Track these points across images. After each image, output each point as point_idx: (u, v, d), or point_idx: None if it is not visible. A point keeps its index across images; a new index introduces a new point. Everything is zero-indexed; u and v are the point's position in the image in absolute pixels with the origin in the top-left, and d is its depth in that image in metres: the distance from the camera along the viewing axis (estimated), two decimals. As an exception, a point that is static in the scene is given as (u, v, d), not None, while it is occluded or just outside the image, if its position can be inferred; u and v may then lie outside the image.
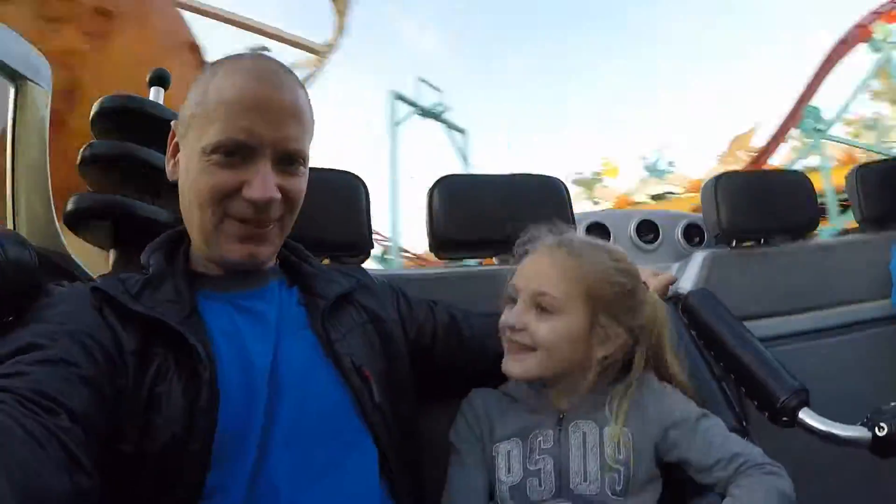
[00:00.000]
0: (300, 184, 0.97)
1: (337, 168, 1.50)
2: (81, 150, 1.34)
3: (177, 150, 0.97)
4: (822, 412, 1.24)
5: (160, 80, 1.55)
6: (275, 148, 0.90)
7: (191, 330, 0.86)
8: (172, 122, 0.99)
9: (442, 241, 1.57)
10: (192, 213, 0.93)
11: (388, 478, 0.95)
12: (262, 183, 0.89)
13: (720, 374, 1.39)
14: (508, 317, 1.07)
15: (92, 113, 1.38)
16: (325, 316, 0.99)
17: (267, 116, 0.89)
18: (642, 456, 1.03)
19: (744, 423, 1.24)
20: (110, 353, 0.80)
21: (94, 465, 0.68)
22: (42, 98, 1.25)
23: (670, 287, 1.52)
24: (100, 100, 1.39)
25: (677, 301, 1.56)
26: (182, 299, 0.90)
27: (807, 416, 1.24)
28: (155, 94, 1.54)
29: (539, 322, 1.04)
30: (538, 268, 1.09)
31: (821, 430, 1.21)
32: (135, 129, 1.35)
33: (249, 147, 0.89)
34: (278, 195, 0.91)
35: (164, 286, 0.92)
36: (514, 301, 1.09)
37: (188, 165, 0.93)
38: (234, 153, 0.88)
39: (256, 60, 0.95)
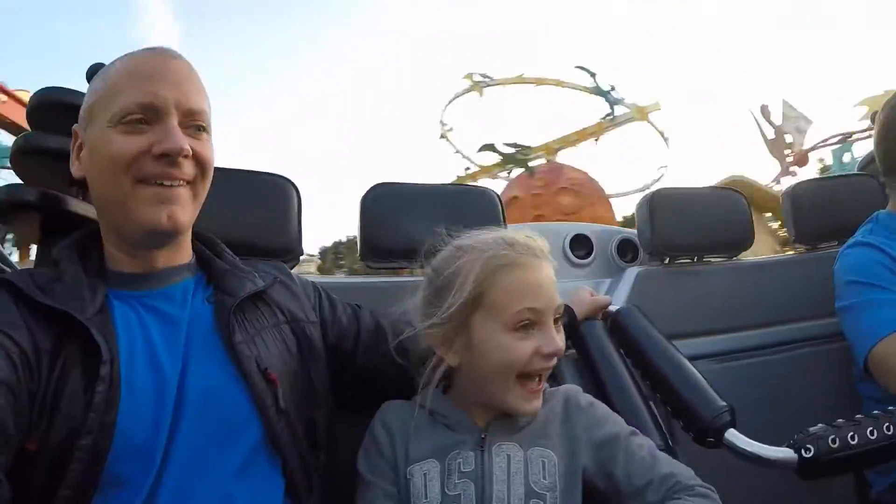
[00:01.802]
0: (207, 147, 0.98)
1: (267, 171, 1.49)
2: (14, 140, 1.32)
3: (80, 150, 0.98)
4: (750, 433, 1.24)
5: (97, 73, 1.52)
6: (179, 107, 0.93)
7: (97, 326, 0.86)
8: (73, 127, 1.00)
9: (372, 248, 1.57)
10: (104, 188, 0.94)
11: (293, 490, 0.95)
12: (172, 136, 0.91)
13: (648, 394, 1.41)
14: (551, 345, 0.98)
15: (28, 106, 1.36)
16: (231, 315, 0.97)
17: (168, 78, 0.93)
18: (570, 480, 1.00)
19: (670, 444, 1.26)
20: (26, 355, 0.80)
21: (5, 473, 0.71)
22: None
23: None
24: (35, 92, 1.36)
25: (607, 318, 1.58)
26: (92, 295, 0.91)
27: (733, 438, 1.24)
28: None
29: (559, 338, 1.02)
30: (549, 280, 1.02)
31: (747, 452, 1.21)
32: (70, 123, 1.32)
33: (155, 108, 0.91)
34: (188, 147, 0.92)
35: (74, 282, 0.92)
36: (527, 328, 0.99)
37: (94, 147, 0.94)
38: (141, 119, 0.91)
39: (148, 48, 0.99)
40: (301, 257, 1.50)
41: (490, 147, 12.99)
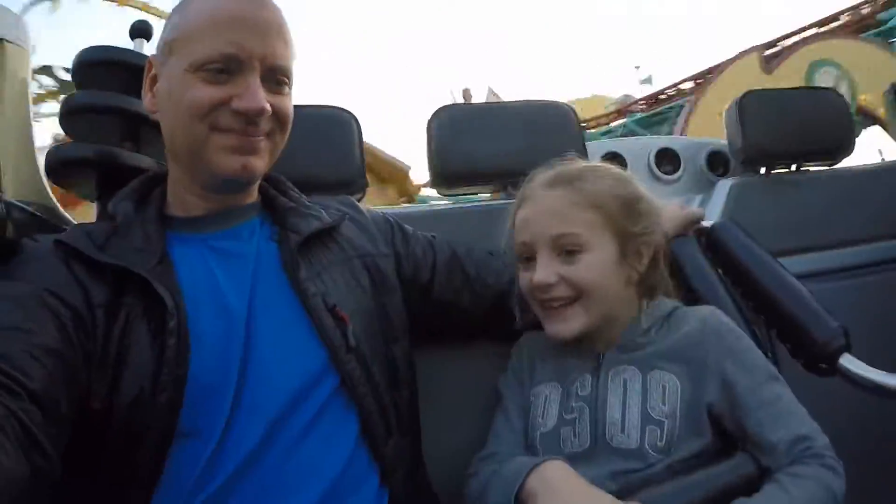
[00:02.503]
0: (287, 102, 0.95)
1: (327, 104, 1.44)
2: (62, 100, 1.31)
3: (154, 81, 0.95)
4: (865, 359, 1.13)
5: (142, 31, 1.50)
6: (263, 62, 0.89)
7: (159, 278, 0.84)
8: (150, 56, 0.97)
9: (443, 175, 1.49)
10: (178, 132, 0.91)
11: (370, 434, 0.91)
12: (253, 94, 0.87)
13: (750, 316, 1.29)
14: (536, 276, 0.99)
15: (73, 64, 1.35)
16: (295, 253, 0.95)
17: (255, 30, 0.88)
18: (691, 409, 0.94)
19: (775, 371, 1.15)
20: (79, 314, 0.79)
21: (53, 444, 0.68)
22: (22, 58, 1.23)
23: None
24: (80, 51, 1.35)
25: (701, 235, 1.45)
26: (151, 246, 0.89)
27: (848, 363, 1.13)
28: (138, 46, 1.48)
29: (571, 266, 0.98)
30: (544, 211, 1.02)
31: (865, 379, 1.10)
32: (118, 81, 1.30)
33: (238, 60, 0.87)
34: (269, 107, 0.89)
35: (131, 233, 0.90)
36: (529, 260, 1.02)
37: (171, 89, 0.90)
38: (222, 69, 0.87)
39: None
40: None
41: (46, 70, 10.87)
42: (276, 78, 0.91)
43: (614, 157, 1.88)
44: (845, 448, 0.91)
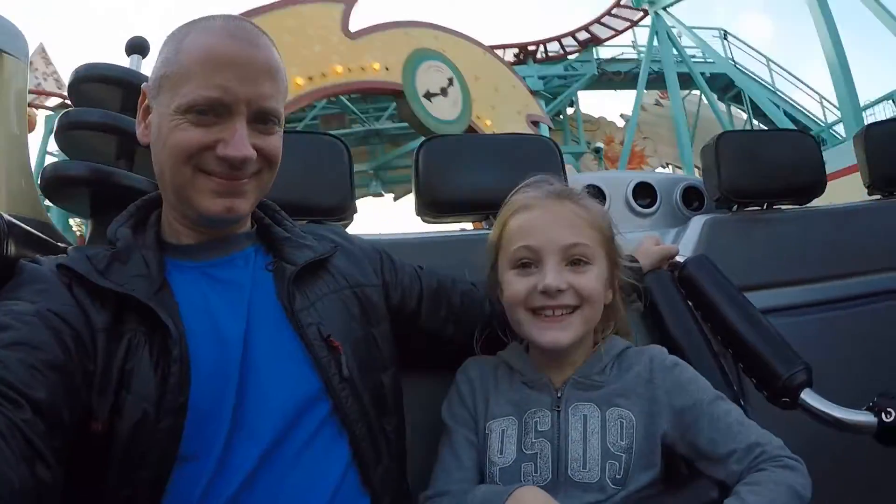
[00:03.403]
0: (275, 142, 0.95)
1: (317, 131, 1.46)
2: (58, 117, 1.31)
3: (147, 112, 0.95)
4: (827, 394, 1.16)
5: (138, 47, 1.52)
6: (250, 106, 0.89)
7: (161, 305, 0.85)
8: (143, 85, 0.96)
9: (429, 204, 1.51)
10: (165, 172, 0.91)
11: (360, 459, 0.93)
12: (238, 141, 0.87)
13: (718, 349, 1.34)
14: (547, 280, 0.98)
15: (69, 81, 1.36)
16: (291, 283, 0.96)
17: (242, 73, 0.87)
18: (646, 442, 0.97)
19: (742, 403, 1.18)
20: (80, 336, 0.79)
21: (56, 456, 0.68)
22: (19, 70, 1.23)
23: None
24: (76, 68, 1.36)
25: (674, 269, 1.50)
26: (151, 272, 0.89)
27: (809, 398, 1.17)
28: (134, 63, 1.50)
29: (579, 276, 1.00)
30: (555, 219, 1.03)
31: (824, 414, 1.14)
32: (113, 99, 1.32)
33: (224, 104, 0.87)
34: (253, 153, 0.89)
35: (132, 260, 0.90)
36: (526, 266, 1.02)
37: (160, 126, 0.90)
38: (208, 111, 0.87)
39: (228, 20, 0.93)
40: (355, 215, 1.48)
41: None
42: (264, 119, 0.92)
43: (593, 190, 1.93)
44: (814, 474, 0.93)
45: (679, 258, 1.51)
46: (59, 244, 1.06)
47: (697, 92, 16.36)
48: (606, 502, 0.94)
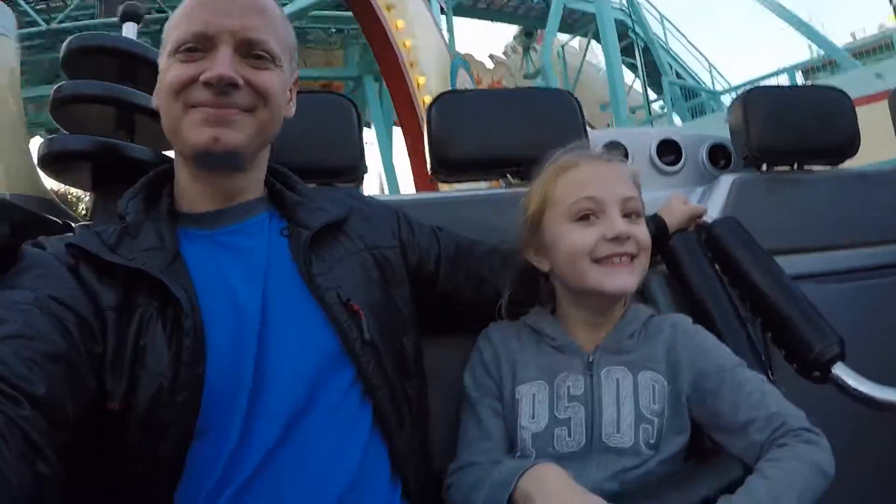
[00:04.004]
0: (270, 77, 0.93)
1: (324, 91, 1.41)
2: (53, 91, 1.28)
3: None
4: (859, 368, 1.11)
5: (132, 14, 1.46)
6: (234, 36, 0.89)
7: (173, 278, 0.84)
8: (159, 59, 0.97)
9: (442, 163, 1.46)
10: (164, 115, 0.92)
11: (383, 426, 0.92)
12: (219, 63, 0.87)
13: (746, 316, 1.28)
14: (616, 227, 0.98)
15: (62, 54, 1.32)
16: (307, 248, 0.94)
17: (226, 7, 0.90)
18: (676, 406, 0.97)
19: (770, 375, 1.13)
20: (85, 320, 0.78)
21: (58, 451, 0.67)
22: (9, 48, 1.21)
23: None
24: (68, 39, 1.32)
25: (700, 230, 1.44)
26: (164, 245, 0.88)
27: (841, 373, 1.12)
28: (128, 31, 1.45)
29: (635, 226, 1.00)
30: (611, 174, 1.03)
31: (855, 391, 1.09)
32: (110, 69, 1.28)
33: (207, 37, 0.88)
34: (238, 78, 0.88)
35: (143, 233, 0.90)
36: (586, 217, 1.00)
37: (160, 76, 0.92)
38: (194, 48, 0.89)
39: None
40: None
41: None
42: (253, 52, 0.91)
43: (616, 147, 1.85)
44: (839, 452, 0.89)
45: (707, 218, 1.45)
46: (62, 221, 1.03)
47: (578, 42, 15.13)
48: (641, 467, 0.93)
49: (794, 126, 1.62)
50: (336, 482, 0.85)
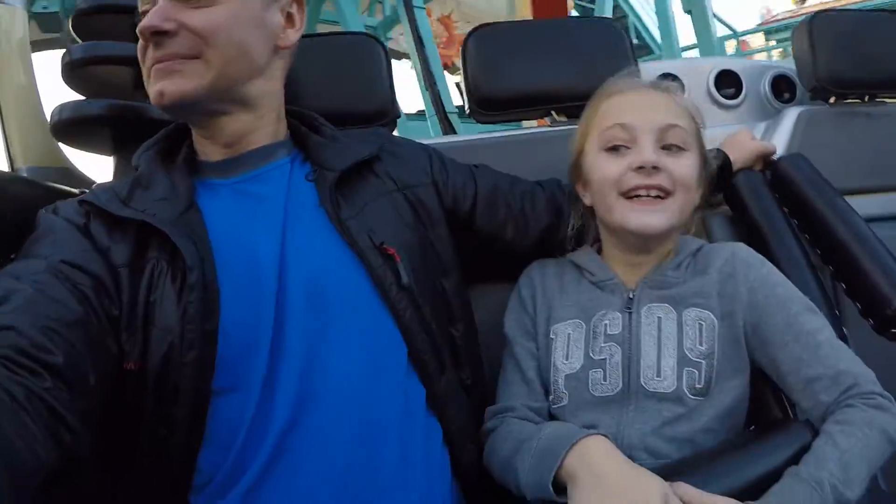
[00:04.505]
0: (206, 16, 0.85)
1: (348, 31, 1.34)
2: (63, 55, 1.23)
3: None
4: None
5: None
6: None
7: (183, 229, 0.81)
8: None
9: (482, 101, 1.39)
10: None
11: (421, 371, 0.89)
12: (151, 14, 0.84)
13: (817, 264, 1.18)
14: (643, 155, 0.91)
15: (72, 18, 1.30)
16: (334, 190, 0.91)
17: None
18: (730, 346, 0.89)
19: (843, 329, 1.04)
20: (100, 281, 0.77)
21: (82, 420, 0.67)
22: (18, 18, 1.17)
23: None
24: (77, 2, 1.29)
25: (766, 169, 1.33)
26: (177, 194, 0.86)
27: None
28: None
29: (674, 160, 0.92)
30: (651, 102, 0.96)
31: None
32: (121, 28, 1.23)
33: None
34: (166, 25, 0.83)
35: (156, 183, 0.88)
36: (616, 148, 0.94)
37: None
38: (146, 5, 0.86)
39: None
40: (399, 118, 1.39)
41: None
42: None
43: (671, 79, 1.73)
44: None
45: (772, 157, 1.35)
46: (79, 191, 1.00)
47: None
48: (691, 420, 0.87)
49: (865, 53, 1.49)
50: (370, 431, 0.82)
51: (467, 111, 1.43)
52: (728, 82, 1.76)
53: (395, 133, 1.40)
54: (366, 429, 0.82)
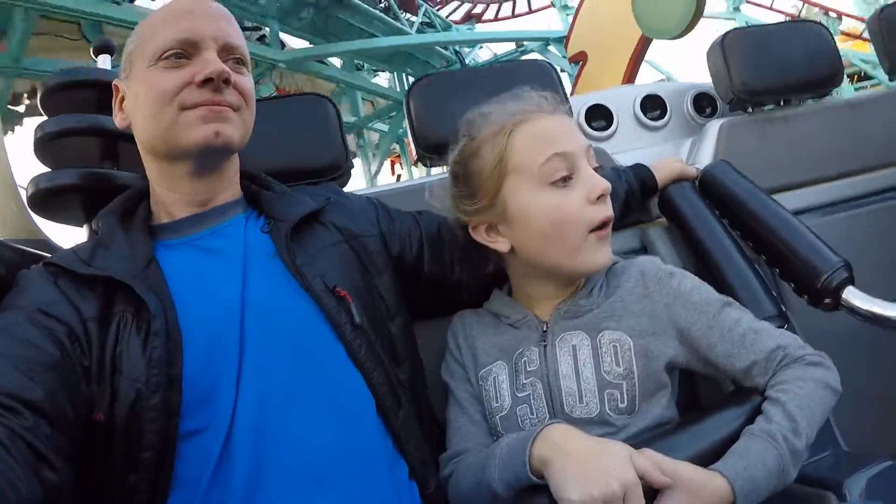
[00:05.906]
0: (248, 81, 0.97)
1: (301, 93, 1.42)
2: (35, 129, 1.28)
3: (122, 101, 0.99)
4: (869, 292, 1.11)
5: (105, 48, 1.48)
6: (216, 41, 0.93)
7: (144, 282, 0.85)
8: (114, 82, 1.00)
9: (428, 148, 1.45)
10: (150, 124, 0.93)
11: (381, 409, 0.91)
12: (213, 62, 0.91)
13: (751, 256, 1.28)
14: (602, 182, 0.89)
15: (40, 96, 1.33)
16: (289, 239, 0.95)
17: (205, 16, 0.94)
18: (649, 363, 0.90)
19: (783, 309, 1.13)
20: (73, 330, 0.80)
21: (62, 456, 0.69)
22: None
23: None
24: (47, 80, 1.34)
25: (694, 179, 1.44)
26: (136, 252, 0.90)
27: (852, 296, 1.11)
28: (103, 63, 1.46)
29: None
30: (568, 126, 0.95)
31: (869, 312, 1.08)
32: (88, 101, 1.28)
33: (192, 42, 0.91)
34: (230, 71, 0.92)
35: (115, 243, 0.92)
36: (565, 180, 0.90)
37: (138, 90, 0.94)
38: (181, 54, 0.91)
39: None
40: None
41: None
42: (232, 56, 0.95)
43: (599, 109, 1.86)
44: (856, 383, 0.89)
45: (697, 167, 1.46)
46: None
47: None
48: (619, 434, 0.88)
49: (774, 62, 1.62)
50: (336, 467, 0.84)
51: (417, 160, 1.49)
52: (653, 106, 1.89)
53: (350, 184, 1.46)
54: (330, 466, 0.83)
